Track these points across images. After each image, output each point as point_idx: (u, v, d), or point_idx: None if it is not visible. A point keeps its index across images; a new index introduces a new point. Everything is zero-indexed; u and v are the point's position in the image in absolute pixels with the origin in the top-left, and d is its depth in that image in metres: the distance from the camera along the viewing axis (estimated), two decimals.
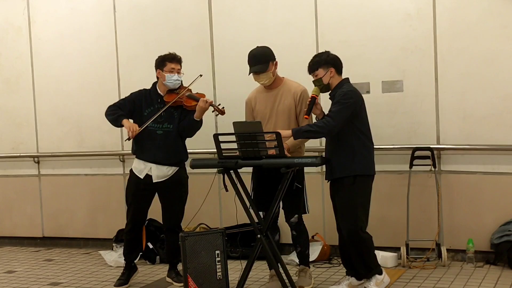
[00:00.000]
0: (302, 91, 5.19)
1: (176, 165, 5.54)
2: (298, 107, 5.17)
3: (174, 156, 5.52)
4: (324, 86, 4.86)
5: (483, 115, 5.76)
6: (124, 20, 7.06)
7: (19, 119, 7.63)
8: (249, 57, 5.18)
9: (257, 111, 5.27)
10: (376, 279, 4.87)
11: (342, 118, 4.67)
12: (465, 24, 5.78)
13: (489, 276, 5.39)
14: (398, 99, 6.02)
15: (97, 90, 7.19)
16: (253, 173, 5.31)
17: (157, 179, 5.50)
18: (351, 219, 4.78)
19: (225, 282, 4.94)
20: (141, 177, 5.52)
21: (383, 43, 6.03)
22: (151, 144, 5.46)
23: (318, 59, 4.88)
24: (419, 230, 5.92)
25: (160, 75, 5.53)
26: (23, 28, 7.52)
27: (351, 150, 4.77)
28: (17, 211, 7.74)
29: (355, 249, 4.84)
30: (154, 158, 5.47)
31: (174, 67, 5.48)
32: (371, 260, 4.89)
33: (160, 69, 5.51)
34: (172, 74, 5.46)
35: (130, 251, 5.70)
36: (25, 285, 5.86)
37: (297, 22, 6.33)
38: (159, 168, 5.49)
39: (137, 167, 5.56)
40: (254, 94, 5.35)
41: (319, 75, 4.84)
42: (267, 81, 5.17)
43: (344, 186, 4.80)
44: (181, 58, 5.56)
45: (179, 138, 5.55)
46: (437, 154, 5.89)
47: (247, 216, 4.86)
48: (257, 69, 5.11)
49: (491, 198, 5.79)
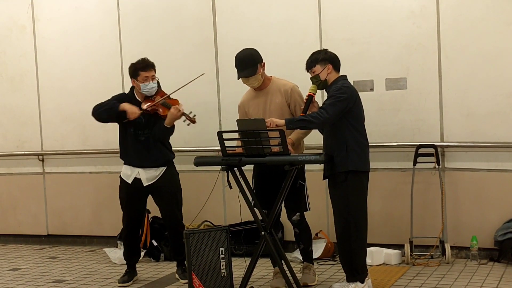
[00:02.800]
0: (292, 87, 5.18)
1: (163, 165, 5.58)
2: (291, 104, 5.16)
3: (159, 158, 5.55)
4: (322, 83, 4.85)
5: (487, 112, 5.76)
6: (128, 18, 7.07)
7: (23, 117, 7.65)
8: (237, 61, 5.15)
9: (250, 114, 5.26)
10: (356, 285, 4.79)
11: (335, 111, 4.64)
12: (468, 22, 5.78)
13: (493, 273, 5.39)
14: (402, 96, 6.02)
15: (101, 88, 7.19)
16: (254, 171, 5.31)
17: (147, 182, 5.54)
18: (342, 217, 4.75)
19: (229, 279, 4.95)
20: (129, 182, 5.56)
21: (387, 41, 6.03)
22: (135, 150, 5.51)
23: (315, 56, 4.89)
24: (423, 227, 5.93)
25: (135, 84, 5.53)
26: (27, 27, 7.53)
27: (344, 146, 4.74)
28: (21, 209, 7.76)
29: (343, 249, 4.79)
30: (141, 163, 5.52)
31: (147, 75, 5.45)
32: (357, 264, 4.80)
33: (134, 78, 5.51)
34: (146, 83, 5.45)
35: (130, 255, 5.77)
36: (30, 282, 5.88)
37: (300, 19, 6.33)
38: (147, 171, 5.54)
39: (125, 172, 5.62)
40: (245, 98, 5.35)
41: (316, 72, 4.84)
42: (256, 83, 5.17)
43: (337, 182, 4.78)
44: (153, 63, 5.53)
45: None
46: (441, 152, 5.89)
47: (251, 213, 4.87)
48: (246, 74, 5.09)
49: (495, 195, 5.79)
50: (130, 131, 5.50)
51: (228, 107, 6.54)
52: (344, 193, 4.75)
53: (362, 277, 4.81)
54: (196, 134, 6.64)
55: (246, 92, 5.37)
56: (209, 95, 6.66)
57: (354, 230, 4.74)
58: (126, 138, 5.53)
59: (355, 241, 4.75)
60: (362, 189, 4.82)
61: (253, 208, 4.90)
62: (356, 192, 4.77)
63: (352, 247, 4.75)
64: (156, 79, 5.53)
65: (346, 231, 4.74)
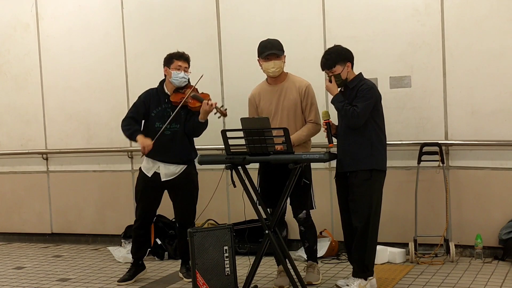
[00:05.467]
0: (307, 86, 5.20)
1: (184, 163, 5.55)
2: (303, 102, 5.17)
3: (181, 155, 5.53)
4: (342, 81, 4.88)
5: (491, 111, 5.75)
6: (131, 16, 7.07)
7: (27, 116, 7.66)
8: (264, 43, 5.18)
9: (261, 107, 5.26)
10: (360, 282, 4.83)
11: (367, 114, 4.74)
12: (473, 19, 5.76)
13: (498, 271, 5.37)
14: (406, 94, 6.01)
15: (105, 86, 7.21)
16: (259, 169, 5.31)
17: (165, 177, 5.51)
18: (365, 214, 4.77)
19: (233, 277, 4.95)
20: (149, 175, 5.54)
21: (391, 39, 6.02)
22: (159, 144, 5.46)
23: (334, 55, 4.87)
24: (427, 225, 5.92)
25: (167, 73, 5.54)
26: (31, 25, 7.54)
27: (369, 144, 4.78)
28: (26, 207, 7.77)
29: (361, 245, 4.82)
30: (162, 157, 5.49)
31: (181, 64, 5.48)
32: (369, 261, 4.87)
33: (168, 66, 5.52)
34: (178, 71, 5.47)
35: (138, 249, 5.73)
36: (34, 281, 5.89)
37: (305, 17, 6.32)
38: (167, 167, 5.51)
39: (146, 165, 5.59)
40: (258, 91, 5.33)
41: (337, 71, 4.85)
42: (277, 69, 5.15)
43: (359, 180, 4.79)
44: (189, 56, 5.56)
45: (186, 137, 5.55)
46: (445, 150, 5.88)
47: (255, 212, 4.87)
48: (275, 51, 5.11)
49: (500, 194, 5.78)
50: (157, 125, 5.47)
51: (232, 106, 6.51)
52: (368, 191, 4.78)
53: (369, 275, 4.86)
54: None
55: (258, 85, 5.36)
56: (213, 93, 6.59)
57: (373, 228, 4.82)
58: (151, 131, 5.48)
59: (371, 238, 4.82)
60: (382, 188, 4.89)
61: (257, 207, 4.89)
62: (378, 191, 4.85)
63: (367, 244, 4.81)
64: (189, 73, 5.53)
65: (366, 228, 4.78)
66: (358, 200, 4.80)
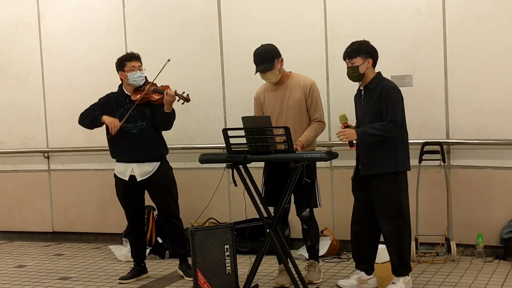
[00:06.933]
0: (311, 84, 5.20)
1: (157, 160, 5.56)
2: (308, 100, 5.17)
3: (152, 152, 5.54)
4: (359, 76, 4.82)
5: (493, 110, 5.74)
6: (133, 15, 7.07)
7: (29, 115, 7.66)
8: (255, 56, 5.16)
9: (266, 106, 5.26)
10: (405, 279, 4.87)
11: (399, 116, 4.73)
12: (475, 19, 5.76)
13: (499, 271, 5.37)
14: (408, 93, 5.97)
15: (106, 85, 7.12)
16: (264, 168, 5.31)
17: (140, 177, 5.53)
18: (395, 215, 4.76)
19: (234, 276, 4.95)
20: (126, 179, 5.56)
21: (393, 38, 6.01)
22: (128, 145, 5.49)
23: (358, 46, 4.81)
24: (428, 224, 5.92)
25: (123, 76, 5.57)
26: (33, 24, 7.54)
27: (393, 145, 4.75)
28: (27, 206, 7.78)
29: (395, 246, 4.82)
30: (133, 157, 5.51)
31: (134, 65, 5.51)
32: (408, 258, 4.91)
33: (122, 70, 5.56)
34: (133, 72, 5.49)
35: (137, 252, 5.77)
36: (36, 279, 5.89)
37: (306, 17, 6.32)
38: (140, 166, 5.52)
39: (119, 170, 5.62)
40: (263, 90, 5.34)
41: (356, 63, 4.78)
42: (273, 78, 5.16)
43: (384, 182, 4.76)
44: (139, 55, 5.59)
45: (155, 133, 5.56)
46: (447, 149, 5.88)
47: (256, 210, 4.87)
48: (262, 68, 5.09)
49: (501, 193, 5.77)
50: (123, 126, 5.47)
51: (233, 105, 6.53)
52: (395, 192, 4.77)
53: (409, 270, 4.92)
54: (201, 131, 6.65)
55: (263, 84, 5.35)
56: (214, 93, 6.65)
57: (404, 228, 4.82)
58: (118, 132, 5.47)
59: (405, 238, 4.83)
60: (407, 186, 4.89)
61: (258, 205, 4.89)
62: (405, 192, 4.84)
63: (403, 244, 4.82)
64: (144, 70, 5.54)
65: (397, 229, 4.78)
66: (385, 202, 4.77)
